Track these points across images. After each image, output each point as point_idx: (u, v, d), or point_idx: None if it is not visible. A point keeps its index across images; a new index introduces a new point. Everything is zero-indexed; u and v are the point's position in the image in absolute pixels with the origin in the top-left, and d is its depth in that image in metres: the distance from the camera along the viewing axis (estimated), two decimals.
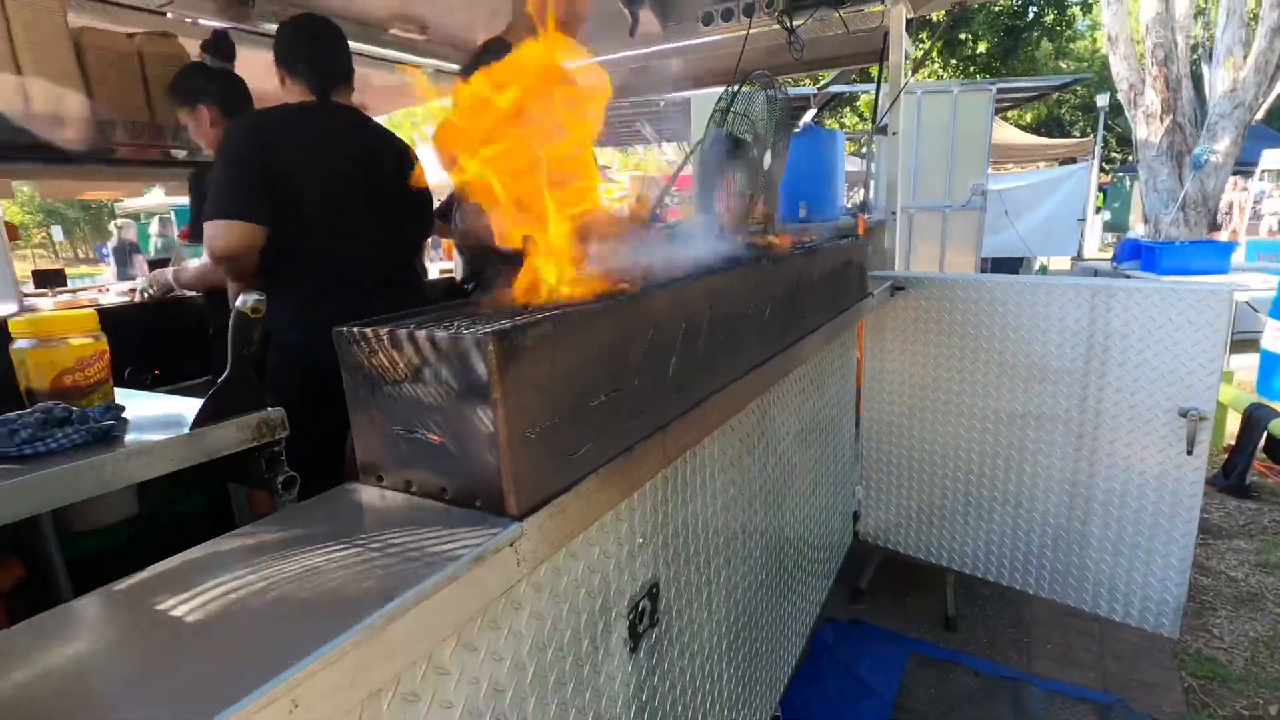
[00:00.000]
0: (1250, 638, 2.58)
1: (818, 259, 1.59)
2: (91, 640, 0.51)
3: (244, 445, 0.94)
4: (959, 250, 6.94)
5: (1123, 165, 18.69)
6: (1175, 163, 8.15)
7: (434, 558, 0.59)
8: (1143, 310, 1.95)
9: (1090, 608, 2.25)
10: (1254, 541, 3.27)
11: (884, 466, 2.64)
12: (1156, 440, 1.98)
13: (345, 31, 3.34)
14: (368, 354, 0.71)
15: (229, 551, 0.63)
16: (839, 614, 2.76)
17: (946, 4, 3.15)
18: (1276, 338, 4.96)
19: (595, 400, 0.78)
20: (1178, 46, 7.96)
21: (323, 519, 0.68)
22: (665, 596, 1.17)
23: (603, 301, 0.81)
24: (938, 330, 2.38)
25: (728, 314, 1.12)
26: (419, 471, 0.73)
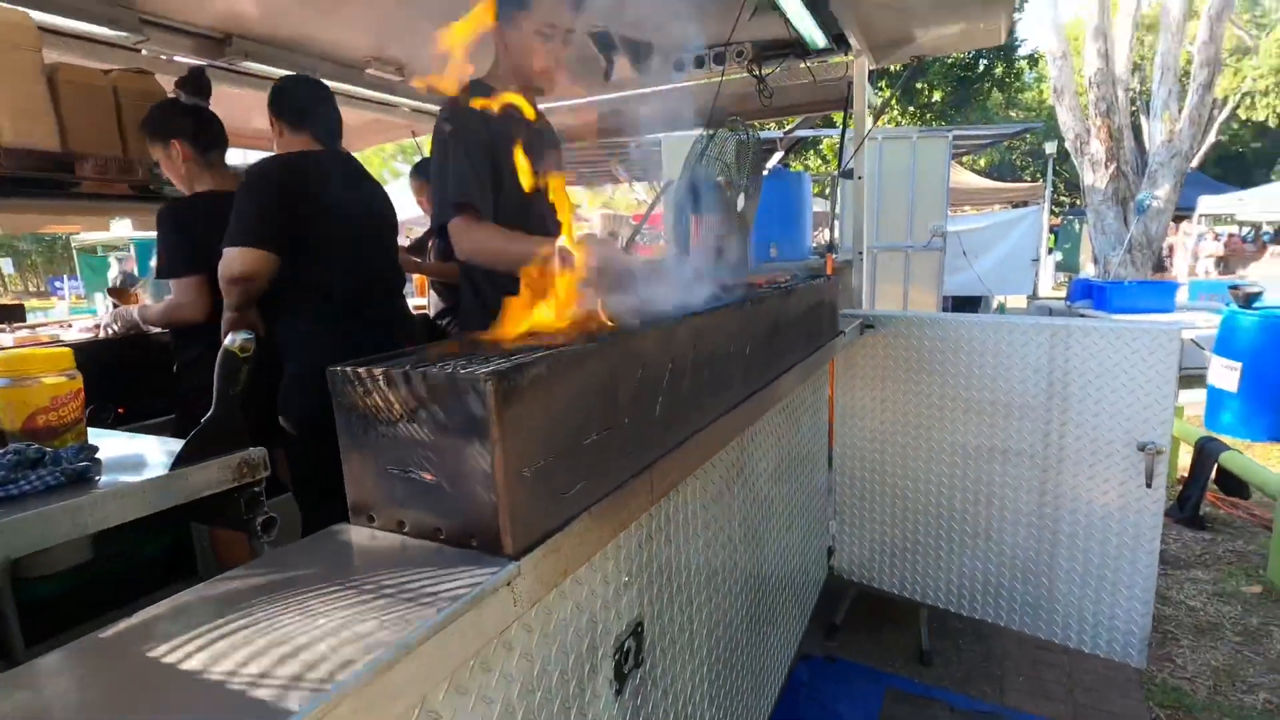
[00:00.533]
0: (1212, 667, 2.64)
1: (793, 299, 1.64)
2: (82, 689, 0.50)
3: (224, 486, 0.92)
4: (921, 289, 7.17)
5: (1071, 208, 19.62)
6: (1120, 207, 8.59)
7: (431, 599, 0.59)
8: (1099, 348, 2.04)
9: (1060, 639, 2.29)
10: (1210, 571, 3.38)
11: (857, 501, 2.67)
12: (1117, 473, 2.05)
13: (324, 71, 3.38)
14: (362, 394, 0.72)
15: (218, 596, 0.61)
16: (815, 650, 2.75)
17: (905, 57, 3.32)
18: (1221, 374, 5.19)
19: (588, 439, 0.79)
20: (1118, 99, 8.47)
21: (314, 561, 0.68)
22: (649, 635, 1.16)
23: (595, 341, 0.83)
24: (906, 367, 2.45)
25: (711, 353, 1.15)
26: (412, 511, 0.73)
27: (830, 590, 2.78)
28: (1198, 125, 8.23)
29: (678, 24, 3.24)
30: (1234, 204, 10.79)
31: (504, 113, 1.74)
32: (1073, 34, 12.47)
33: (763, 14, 2.85)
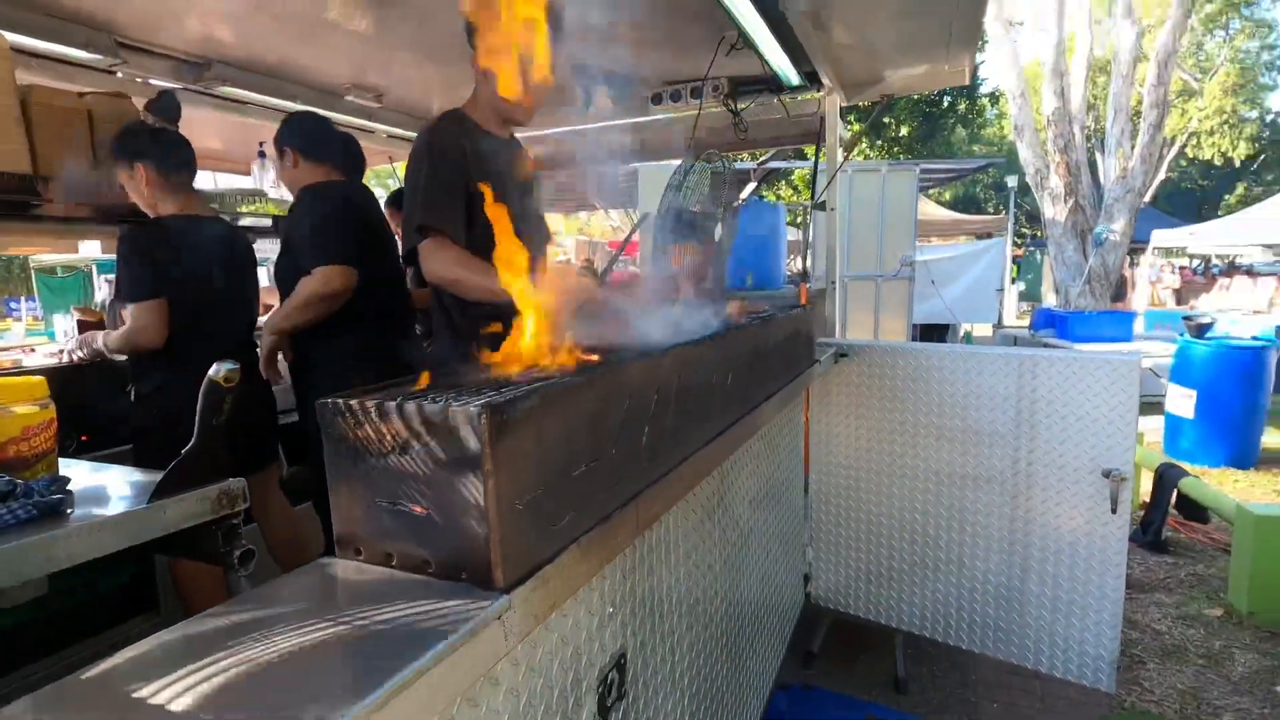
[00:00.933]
0: (1179, 690, 2.70)
1: (772, 329, 1.67)
2: None
3: (203, 519, 0.90)
4: (891, 317, 7.33)
5: (1033, 240, 20.30)
6: (1079, 239, 8.92)
7: (424, 635, 0.58)
8: (1064, 378, 2.11)
9: (1032, 664, 2.32)
10: (1173, 595, 3.46)
11: (832, 528, 2.69)
12: (1084, 500, 2.11)
13: (303, 97, 3.39)
14: (353, 425, 0.71)
15: (203, 634, 0.60)
16: (792, 679, 2.74)
17: (875, 95, 3.43)
18: (1178, 401, 5.37)
19: (576, 470, 0.79)
20: (1075, 137, 8.84)
21: (302, 596, 0.67)
22: (632, 667, 1.16)
23: (584, 373, 0.84)
24: (879, 395, 2.49)
25: (695, 383, 1.16)
26: (401, 544, 0.72)
27: (807, 618, 2.78)
28: (1149, 163, 8.62)
29: (657, 59, 3.33)
30: (1185, 238, 11.28)
31: (481, 140, 1.78)
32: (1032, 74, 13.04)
33: (739, 51, 2.94)
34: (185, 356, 2.06)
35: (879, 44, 2.90)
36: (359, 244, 2.15)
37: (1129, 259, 11.75)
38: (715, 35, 2.92)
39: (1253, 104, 22.30)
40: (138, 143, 2.16)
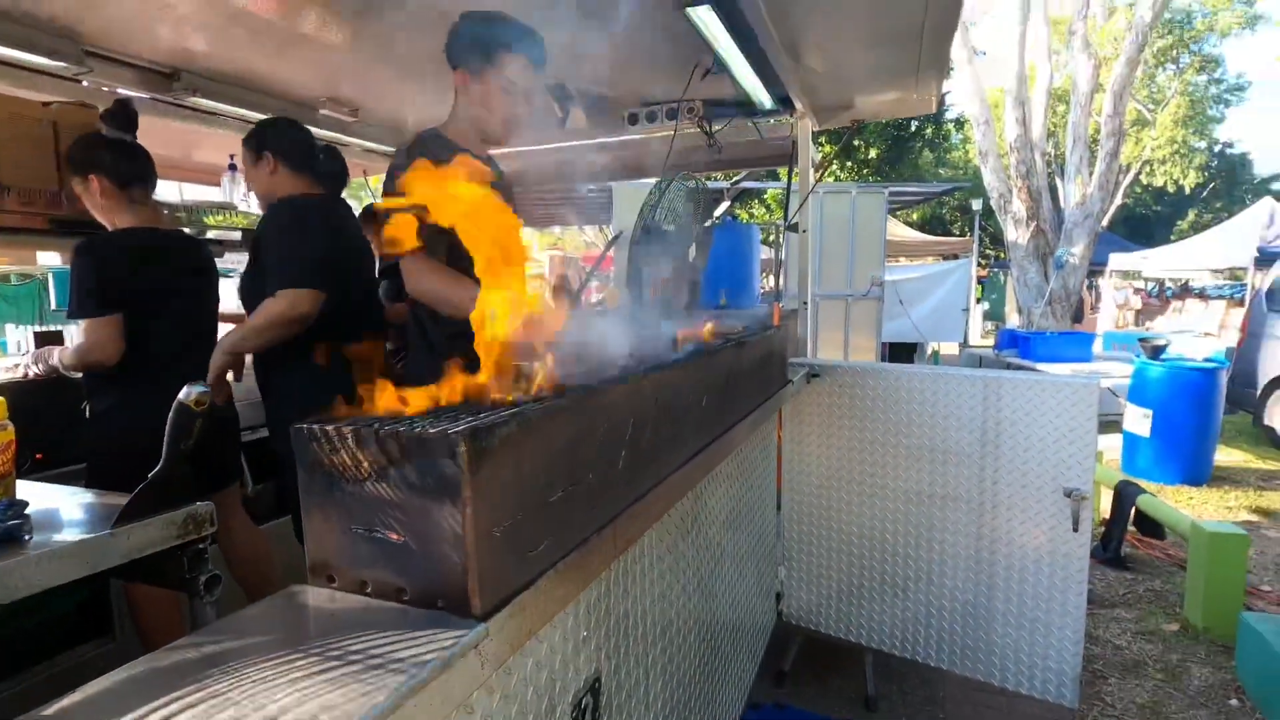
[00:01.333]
0: (1138, 704, 2.76)
1: (746, 351, 1.69)
2: None
3: (169, 544, 0.88)
4: (861, 335, 7.46)
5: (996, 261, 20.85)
6: (1041, 262, 9.19)
7: (399, 665, 0.58)
8: (1026, 399, 2.17)
9: (998, 681, 2.36)
10: (1133, 610, 3.55)
11: (805, 546, 2.72)
12: (1046, 518, 2.16)
13: (275, 109, 3.35)
14: (328, 451, 0.71)
15: (171, 666, 0.59)
16: (763, 698, 2.74)
17: (846, 120, 3.52)
18: (1135, 420, 5.55)
19: (554, 496, 0.80)
20: (1036, 163, 9.15)
21: (274, 626, 0.65)
22: (606, 691, 1.15)
23: (561, 399, 0.84)
24: (850, 414, 2.53)
25: (671, 406, 1.17)
26: (376, 571, 0.71)
27: (778, 637, 2.79)
28: (1107, 189, 8.96)
29: (633, 81, 3.37)
30: (1139, 261, 11.70)
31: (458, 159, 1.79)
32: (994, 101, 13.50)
33: (713, 75, 2.99)
34: (141, 374, 2.00)
35: (850, 72, 2.98)
36: (333, 265, 2.07)
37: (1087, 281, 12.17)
38: (691, 58, 2.97)
39: (1201, 135, 23.33)
40: (92, 154, 2.11)
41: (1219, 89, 23.31)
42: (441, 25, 2.46)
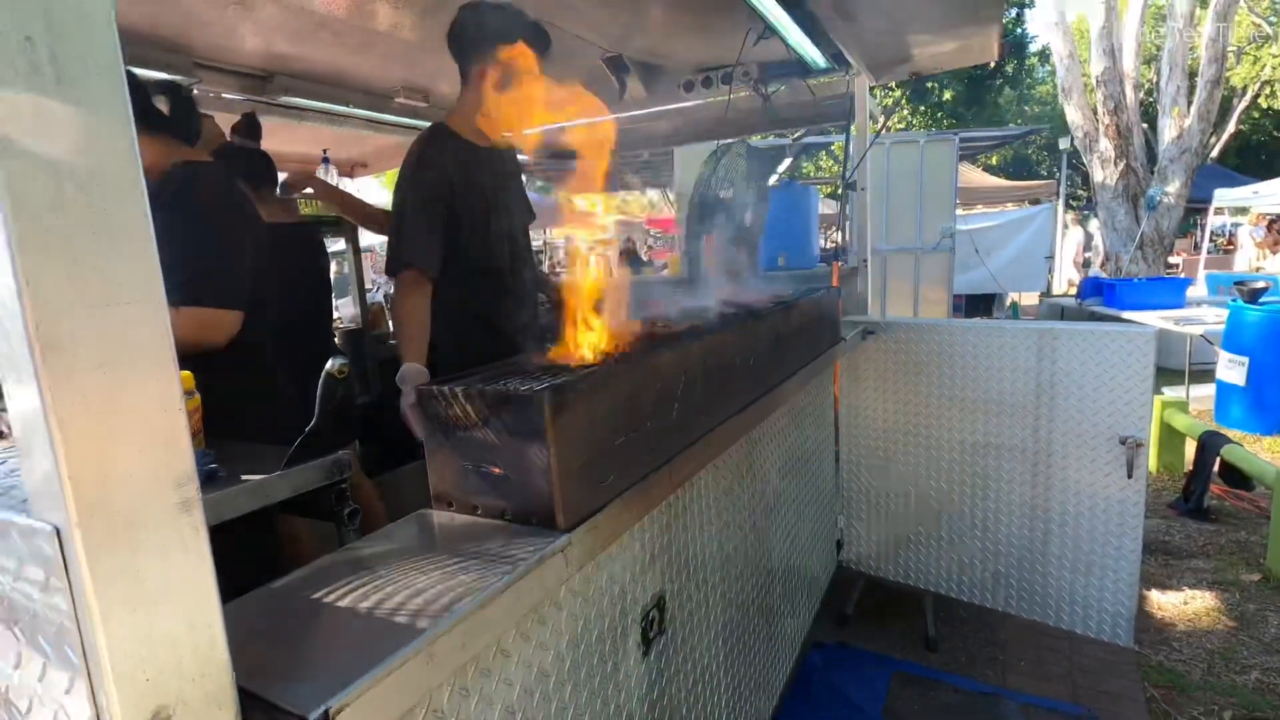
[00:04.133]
0: (1207, 650, 2.78)
1: (794, 313, 1.83)
2: (268, 618, 0.71)
3: (322, 483, 1.13)
4: (932, 287, 7.31)
5: (1088, 203, 19.52)
6: (1131, 204, 8.64)
7: (510, 560, 0.79)
8: (1082, 350, 2.21)
9: (1055, 622, 2.45)
10: (1210, 561, 3.50)
11: (863, 497, 2.85)
12: (1101, 466, 2.21)
13: (358, 101, 3.63)
14: (445, 406, 0.92)
15: (355, 559, 0.82)
16: (827, 638, 2.92)
17: (904, 74, 3.49)
18: (1229, 368, 5.28)
19: (619, 439, 0.99)
20: (1126, 97, 8.53)
21: (415, 536, 0.88)
22: (670, 608, 1.36)
23: (621, 362, 1.03)
24: (906, 370, 2.62)
25: (720, 364, 1.34)
26: (484, 498, 0.93)
27: (840, 581, 2.95)
28: (1207, 121, 8.28)
29: (687, 48, 3.45)
30: (1249, 196, 10.75)
31: (465, 155, 1.89)
32: (1083, 29, 12.51)
33: (765, 39, 3.04)
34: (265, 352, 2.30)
35: (903, 25, 2.97)
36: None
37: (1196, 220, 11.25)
38: (743, 24, 3.02)
39: None
40: (231, 165, 2.42)
41: None
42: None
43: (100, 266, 0.46)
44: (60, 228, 0.44)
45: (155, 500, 0.49)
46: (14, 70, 0.42)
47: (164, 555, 0.50)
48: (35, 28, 0.42)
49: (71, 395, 0.45)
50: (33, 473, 0.46)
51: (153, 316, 0.49)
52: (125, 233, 0.47)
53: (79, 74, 0.44)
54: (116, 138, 0.47)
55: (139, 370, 0.48)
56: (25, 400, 0.44)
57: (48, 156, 0.43)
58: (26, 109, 0.42)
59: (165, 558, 0.50)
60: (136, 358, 0.48)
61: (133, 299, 0.48)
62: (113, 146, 0.47)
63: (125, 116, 0.47)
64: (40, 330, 0.43)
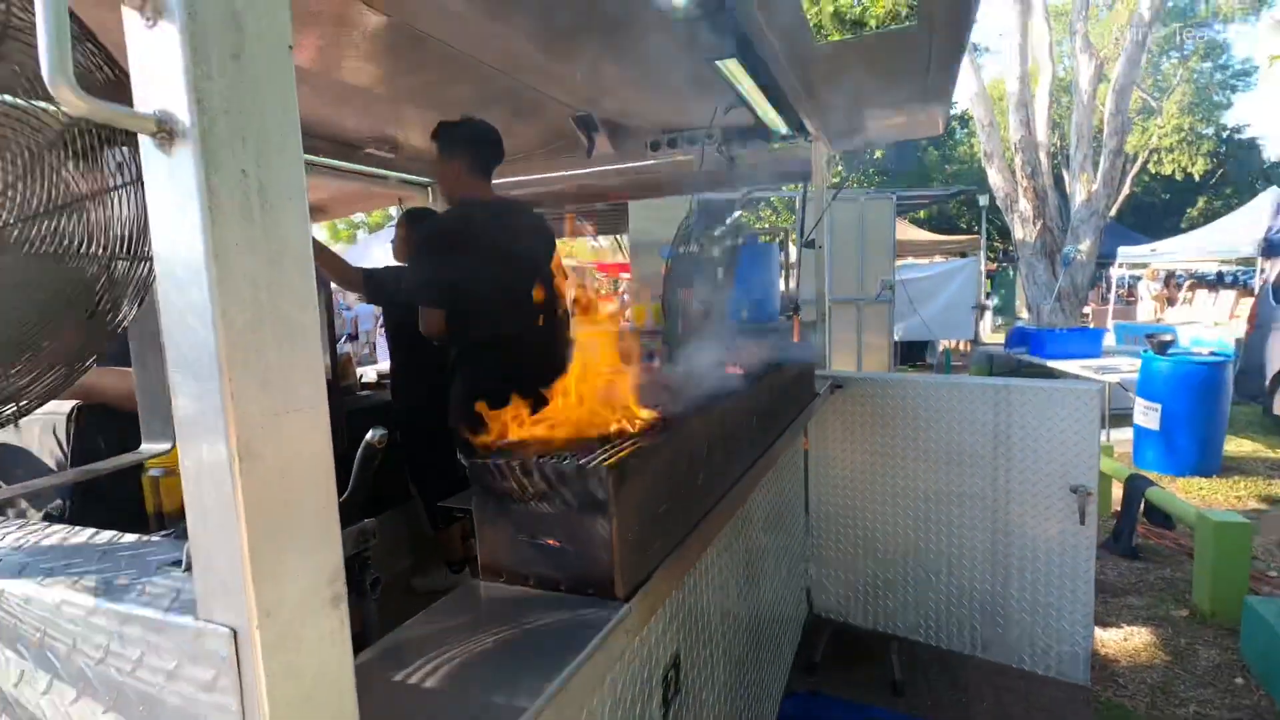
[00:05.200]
0: (1148, 684, 2.95)
1: (785, 371, 1.93)
2: None
3: (349, 553, 1.12)
4: (873, 335, 7.67)
5: (1005, 255, 20.95)
6: (1049, 259, 9.35)
7: (577, 635, 0.82)
8: (1035, 405, 2.39)
9: (1016, 663, 2.57)
10: (1143, 598, 3.74)
11: (831, 545, 2.94)
12: (1055, 513, 2.38)
13: (325, 150, 3.62)
14: (499, 479, 0.95)
15: (423, 636, 0.83)
16: (797, 686, 2.96)
17: (860, 143, 3.74)
18: (1144, 414, 5.72)
19: (662, 508, 1.03)
20: (1041, 162, 9.31)
21: (474, 610, 0.90)
22: (684, 667, 1.39)
23: (666, 432, 1.08)
24: (871, 422, 2.76)
25: (735, 428, 1.41)
26: (538, 569, 0.95)
27: (809, 628, 3.01)
28: (1112, 185, 9.12)
29: (656, 111, 3.61)
30: (1147, 254, 11.81)
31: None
32: (998, 94, 13.64)
33: (735, 106, 3.22)
34: None
35: (862, 102, 3.21)
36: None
37: (1099, 274, 12.31)
38: (712, 91, 3.20)
39: (1208, 121, 23.30)
40: None
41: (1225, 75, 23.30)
42: (467, 71, 2.73)
43: (285, 375, 0.49)
44: (256, 342, 0.47)
45: (314, 597, 0.51)
46: (231, 198, 0.45)
47: (319, 650, 0.51)
48: (249, 163, 0.46)
49: (258, 499, 0.47)
50: (210, 575, 0.48)
51: (319, 420, 0.52)
52: (304, 340, 0.50)
53: (277, 201, 0.48)
54: (300, 251, 0.50)
55: (308, 471, 0.51)
56: (216, 503, 0.46)
57: (250, 273, 0.47)
58: (238, 232, 0.46)
59: (320, 652, 0.52)
60: (306, 459, 0.51)
61: (305, 405, 0.51)
62: (297, 259, 0.50)
63: (306, 232, 0.51)
64: (239, 439, 0.46)
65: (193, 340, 0.45)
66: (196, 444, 0.46)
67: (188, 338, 0.45)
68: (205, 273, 0.44)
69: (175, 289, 0.45)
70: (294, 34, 0.48)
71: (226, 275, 0.45)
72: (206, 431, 0.45)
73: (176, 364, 0.46)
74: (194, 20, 0.42)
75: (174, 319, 0.45)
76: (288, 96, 0.49)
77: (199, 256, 0.44)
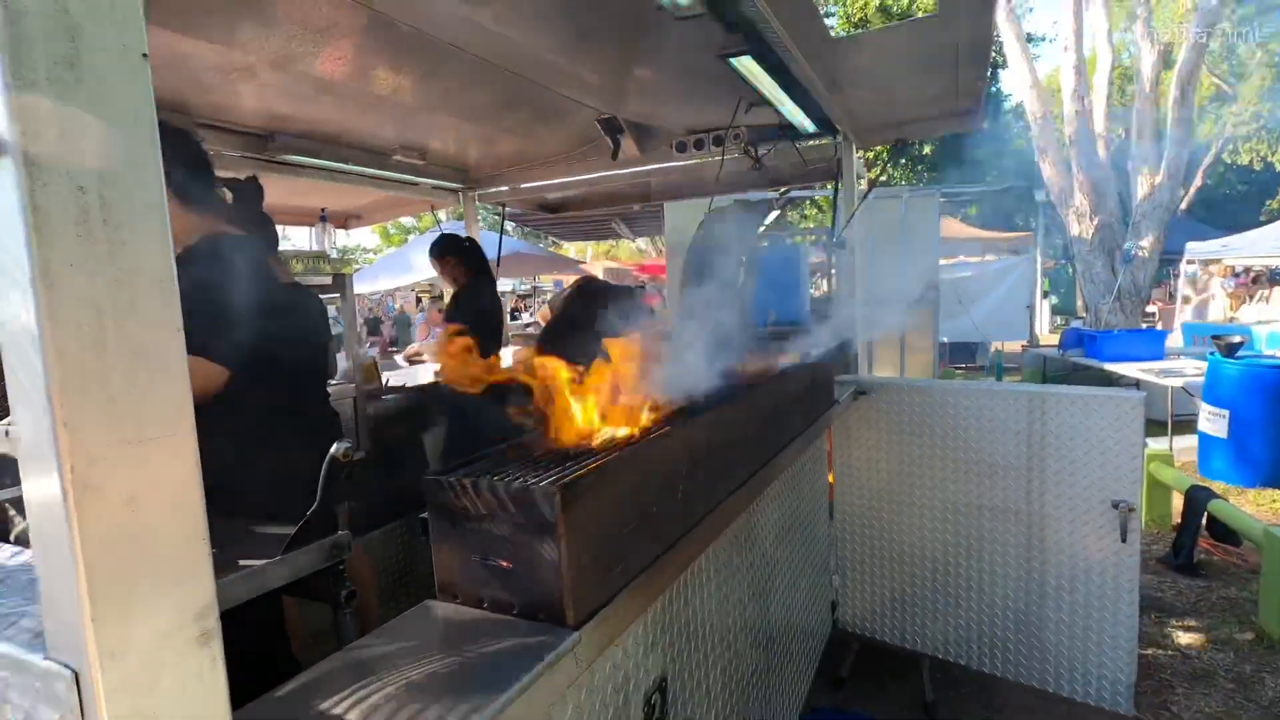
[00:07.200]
0: (1206, 714, 2.74)
1: (791, 382, 1.85)
2: None
3: (320, 566, 1.11)
4: (918, 337, 7.41)
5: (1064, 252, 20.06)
6: (1108, 256, 8.89)
7: (519, 664, 0.77)
8: (1071, 414, 2.24)
9: (1054, 688, 2.42)
10: (1204, 619, 3.49)
11: (857, 557, 2.83)
12: (1094, 530, 2.22)
13: (357, 158, 3.70)
14: (453, 497, 0.91)
15: (358, 661, 0.80)
16: (822, 701, 2.85)
17: (890, 139, 3.61)
18: (1210, 421, 5.36)
19: (627, 528, 0.98)
20: (1099, 155, 8.86)
21: (421, 632, 0.86)
22: (672, 689, 1.33)
23: (631, 448, 1.03)
24: (898, 430, 2.64)
25: (721, 441, 1.35)
26: (491, 591, 0.91)
27: (835, 643, 2.90)
28: (1176, 178, 8.60)
29: (680, 112, 3.55)
30: (1218, 249, 11.11)
31: None
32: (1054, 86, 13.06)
33: (756, 106, 3.15)
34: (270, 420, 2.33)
35: (889, 98, 3.09)
36: None
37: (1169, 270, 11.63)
38: (734, 91, 3.13)
39: None
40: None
41: None
42: (491, 77, 2.73)
43: (136, 402, 0.46)
44: (98, 368, 0.44)
45: (176, 636, 0.48)
46: (65, 216, 0.43)
47: (181, 693, 0.49)
48: (89, 180, 0.44)
49: (98, 534, 0.44)
50: (54, 612, 0.45)
51: (182, 447, 0.49)
52: (161, 365, 0.48)
53: (125, 220, 0.46)
54: (157, 271, 0.48)
55: (167, 502, 0.48)
56: (54, 537, 0.44)
57: (89, 294, 0.44)
58: (73, 252, 0.43)
59: (182, 695, 0.49)
60: (164, 490, 0.48)
61: (162, 433, 0.48)
62: (153, 279, 0.47)
63: (164, 251, 0.48)
64: (75, 471, 0.43)
65: (26, 367, 0.42)
66: (35, 476, 0.44)
67: (22, 364, 0.43)
68: (32, 295, 0.41)
69: (9, 313, 0.43)
70: (318, 46, 0.45)
71: (58, 298, 0.42)
72: (41, 462, 0.43)
73: (15, 392, 0.43)
74: (15, 25, 0.40)
75: (9, 344, 0.43)
76: (141, 108, 0.47)
77: (25, 279, 0.41)
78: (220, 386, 1.50)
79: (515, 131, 3.72)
